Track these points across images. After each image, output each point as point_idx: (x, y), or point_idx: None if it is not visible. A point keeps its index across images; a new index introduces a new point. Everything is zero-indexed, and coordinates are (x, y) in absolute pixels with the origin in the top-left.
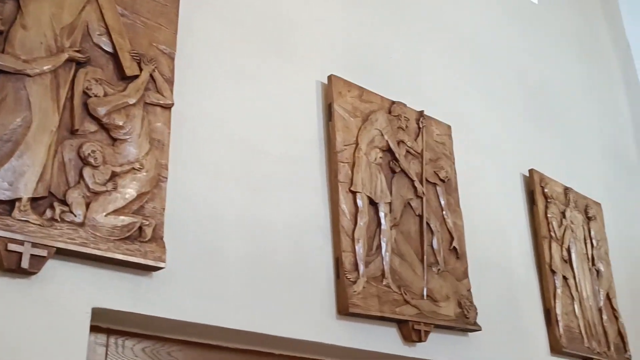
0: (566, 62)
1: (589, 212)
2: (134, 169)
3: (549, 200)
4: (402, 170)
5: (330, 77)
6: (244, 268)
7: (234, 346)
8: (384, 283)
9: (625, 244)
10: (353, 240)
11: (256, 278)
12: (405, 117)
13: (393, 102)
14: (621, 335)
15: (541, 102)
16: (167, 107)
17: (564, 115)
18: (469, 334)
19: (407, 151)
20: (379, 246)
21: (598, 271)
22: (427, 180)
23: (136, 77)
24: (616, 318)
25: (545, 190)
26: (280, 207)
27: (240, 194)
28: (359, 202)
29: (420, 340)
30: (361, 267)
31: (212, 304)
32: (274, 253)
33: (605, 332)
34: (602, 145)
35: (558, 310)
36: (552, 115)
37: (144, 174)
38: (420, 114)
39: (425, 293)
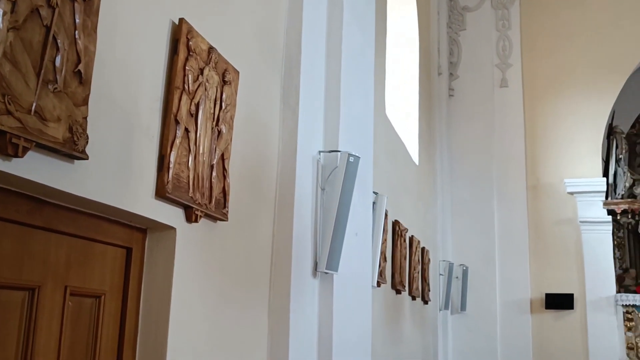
0: None
1: (226, 77)
2: None
3: (190, 54)
4: None
5: None
6: None
7: None
8: None
9: (250, 116)
10: None
11: None
12: None
13: None
14: (224, 193)
15: None
16: None
17: None
18: (75, 161)
19: None
20: None
21: (219, 132)
22: None
23: None
24: (224, 177)
25: (191, 43)
26: None
27: None
28: None
29: (16, 155)
30: None
31: None
32: None
33: (211, 188)
34: (255, 23)
35: (172, 159)
36: None
37: None
38: None
39: (33, 109)
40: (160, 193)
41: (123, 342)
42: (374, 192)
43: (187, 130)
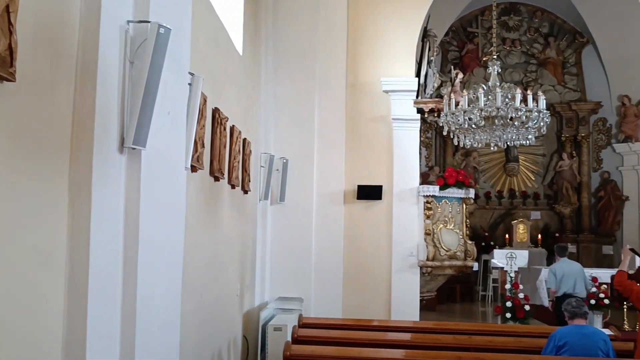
0: None
1: None
2: None
3: None
4: None
5: None
6: None
7: None
8: None
9: None
10: None
11: None
12: None
13: None
14: (11, 51)
15: None
16: None
17: None
18: None
19: None
20: None
21: None
22: None
23: None
24: (10, 33)
25: None
26: None
27: None
28: None
29: None
30: None
31: None
32: None
33: None
34: None
35: None
36: None
37: None
38: None
39: None
40: None
41: None
42: (190, 73)
43: None
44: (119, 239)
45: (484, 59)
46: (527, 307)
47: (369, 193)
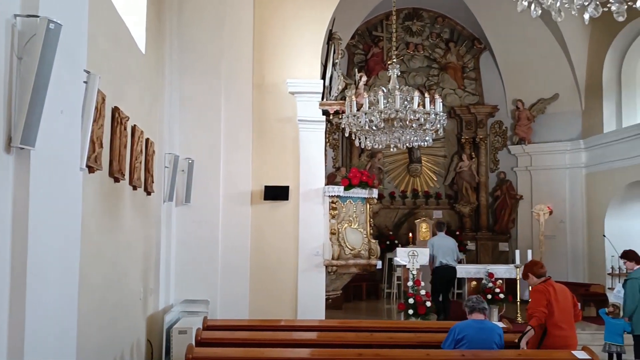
0: None
1: None
2: None
3: None
4: None
5: None
6: None
7: None
8: None
9: None
10: None
11: None
12: None
13: None
14: None
15: None
16: None
17: None
18: None
19: None
20: None
21: None
22: None
23: None
24: None
25: None
26: None
27: None
28: None
29: None
30: None
31: None
32: None
33: None
34: None
35: None
36: None
37: None
38: None
39: None
40: None
41: None
42: (86, 71)
43: None
44: (6, 243)
45: (389, 62)
46: (428, 304)
47: (276, 193)
